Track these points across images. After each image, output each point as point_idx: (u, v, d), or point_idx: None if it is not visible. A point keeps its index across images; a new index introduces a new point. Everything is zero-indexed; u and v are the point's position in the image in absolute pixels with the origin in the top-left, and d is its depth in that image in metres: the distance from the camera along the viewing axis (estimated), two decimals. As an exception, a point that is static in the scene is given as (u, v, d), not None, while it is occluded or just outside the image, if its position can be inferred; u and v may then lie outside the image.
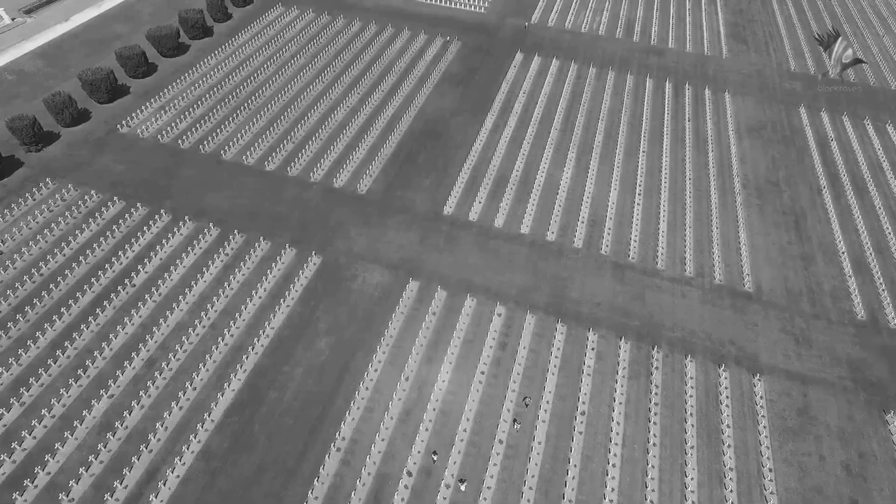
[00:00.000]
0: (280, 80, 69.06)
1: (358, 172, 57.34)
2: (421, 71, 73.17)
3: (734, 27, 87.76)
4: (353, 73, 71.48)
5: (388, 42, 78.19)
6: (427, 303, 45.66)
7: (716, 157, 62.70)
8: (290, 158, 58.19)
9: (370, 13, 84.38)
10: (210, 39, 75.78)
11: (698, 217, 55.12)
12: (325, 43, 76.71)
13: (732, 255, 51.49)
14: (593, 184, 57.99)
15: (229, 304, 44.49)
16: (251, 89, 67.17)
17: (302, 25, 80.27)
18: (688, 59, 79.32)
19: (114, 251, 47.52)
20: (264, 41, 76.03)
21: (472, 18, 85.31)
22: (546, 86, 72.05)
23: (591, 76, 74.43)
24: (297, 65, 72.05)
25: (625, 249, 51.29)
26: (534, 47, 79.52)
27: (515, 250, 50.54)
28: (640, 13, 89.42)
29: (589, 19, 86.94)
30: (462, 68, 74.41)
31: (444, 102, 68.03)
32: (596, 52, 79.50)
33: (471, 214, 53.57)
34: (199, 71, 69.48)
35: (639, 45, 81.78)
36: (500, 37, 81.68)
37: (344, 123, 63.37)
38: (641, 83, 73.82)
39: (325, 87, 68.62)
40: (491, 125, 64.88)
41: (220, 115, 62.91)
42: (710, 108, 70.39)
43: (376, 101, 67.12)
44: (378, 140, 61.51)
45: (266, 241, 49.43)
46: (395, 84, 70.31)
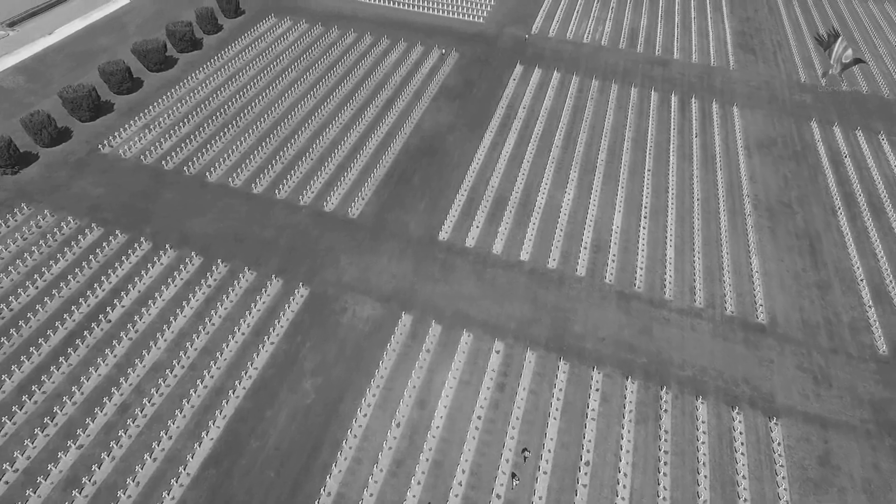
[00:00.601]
0: (270, 96, 66.48)
1: (350, 194, 54.68)
2: (417, 84, 70.54)
3: (741, 36, 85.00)
4: (347, 88, 68.88)
5: (384, 54, 75.58)
6: (420, 339, 42.94)
7: (724, 176, 59.90)
8: (278, 180, 55.55)
9: (365, 23, 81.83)
10: (199, 52, 73.26)
11: (707, 241, 52.32)
12: (318, 56, 74.13)
13: (744, 284, 48.69)
14: (596, 205, 55.24)
15: (210, 341, 41.79)
16: (240, 106, 64.59)
17: (294, 37, 77.73)
18: (693, 71, 76.58)
19: (89, 283, 44.88)
20: (255, 54, 73.49)
21: (470, 28, 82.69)
22: (547, 100, 69.35)
23: (594, 89, 71.73)
24: (288, 79, 69.48)
25: (630, 277, 48.53)
26: (534, 58, 76.86)
27: (514, 279, 47.81)
28: (644, 22, 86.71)
29: (591, 29, 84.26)
30: (460, 81, 71.77)
31: (440, 117, 65.37)
32: (599, 63, 76.81)
33: (468, 240, 50.85)
34: (187, 86, 66.93)
35: (643, 55, 79.07)
36: (499, 47, 79.04)
37: (336, 142, 60.74)
38: (646, 96, 71.10)
39: (318, 103, 66.02)
40: (489, 142, 62.19)
41: (206, 133, 60.31)
42: (718, 122, 67.63)
43: (370, 117, 64.49)
44: (371, 159, 58.85)
45: (251, 271, 46.76)
46: (389, 98, 67.68)
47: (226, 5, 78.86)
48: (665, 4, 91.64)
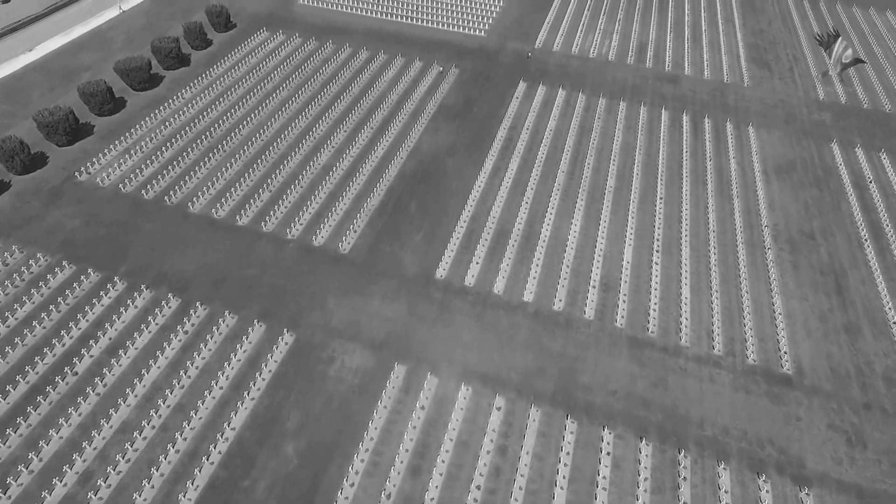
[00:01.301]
0: (260, 117, 63.01)
1: (341, 226, 51.13)
2: (415, 103, 66.99)
3: (755, 50, 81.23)
4: (341, 107, 65.38)
5: (380, 70, 72.08)
6: (414, 393, 39.30)
7: (741, 203, 56.15)
8: (265, 211, 52.04)
9: (361, 37, 78.37)
10: (186, 69, 69.89)
11: (725, 279, 48.58)
12: (311, 73, 70.66)
13: (766, 327, 44.93)
14: (605, 238, 51.56)
15: (185, 396, 38.25)
16: (227, 128, 61.14)
17: (287, 53, 74.29)
18: (706, 88, 72.84)
19: (56, 330, 41.41)
20: (245, 71, 70.06)
21: (470, 42, 79.14)
22: (551, 120, 65.72)
23: (601, 108, 68.07)
24: (279, 98, 66.01)
25: (643, 321, 44.82)
26: (538, 75, 73.27)
27: (517, 323, 44.15)
28: (653, 35, 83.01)
29: (597, 42, 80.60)
30: (459, 99, 68.20)
31: (439, 139, 61.81)
32: (606, 79, 73.16)
33: (467, 278, 47.23)
34: (172, 106, 63.52)
35: (652, 71, 75.38)
36: (501, 63, 75.45)
37: (328, 167, 57.22)
38: (656, 116, 67.40)
39: (309, 124, 62.52)
40: (491, 167, 58.59)
41: (190, 158, 56.87)
42: (733, 144, 63.88)
43: (364, 140, 60.96)
44: (365, 186, 55.30)
45: (232, 315, 43.22)
46: (386, 119, 64.15)
47: (215, 19, 75.53)
48: (674, 16, 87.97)
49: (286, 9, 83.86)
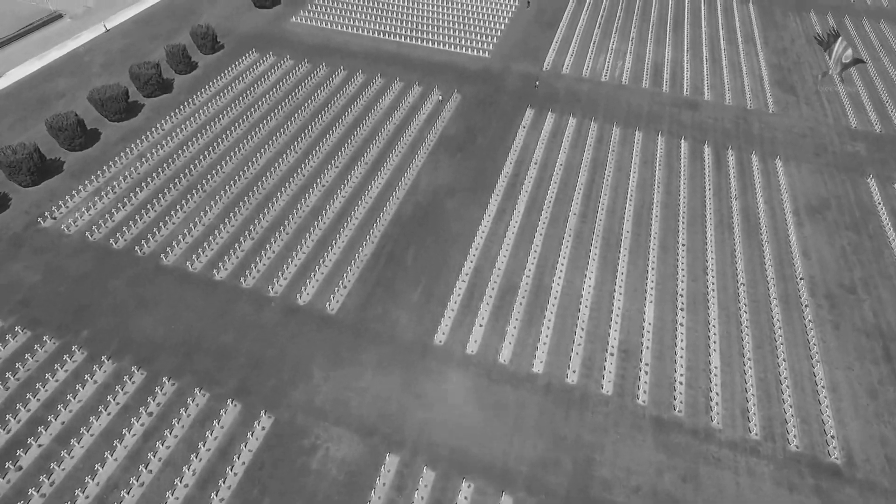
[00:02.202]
0: (244, 151, 58.01)
1: (330, 281, 46.06)
2: (413, 133, 61.90)
3: (778, 71, 75.86)
4: (333, 140, 60.35)
5: (376, 97, 67.02)
6: (409, 492, 34.16)
7: (773, 251, 50.84)
8: (246, 263, 47.02)
9: (357, 59, 73.35)
10: (168, 96, 64.99)
11: (759, 343, 43.30)
12: (302, 100, 65.65)
13: (808, 404, 39.63)
14: (623, 293, 46.35)
15: (143, 498, 33.18)
16: (209, 164, 56.17)
17: (277, 77, 69.31)
18: (728, 114, 67.54)
19: (1, 414, 36.40)
20: (230, 98, 65.10)
21: (473, 64, 74.02)
22: (561, 153, 60.52)
23: (615, 138, 62.85)
24: (266, 129, 61.00)
25: (667, 396, 39.58)
26: (546, 101, 68.12)
27: (526, 400, 38.96)
28: (669, 55, 77.73)
29: (610, 64, 75.35)
30: (462, 129, 63.09)
31: (439, 176, 56.70)
32: (619, 106, 67.94)
33: (469, 344, 42.09)
34: (150, 139, 58.60)
35: (669, 96, 70.12)
36: (506, 87, 70.31)
37: (317, 210, 52.18)
38: (675, 147, 62.15)
39: (297, 160, 57.50)
40: (495, 209, 53.44)
41: (167, 200, 51.93)
42: (760, 179, 58.57)
43: (358, 178, 55.89)
44: (357, 233, 50.22)
45: (203, 393, 38.16)
46: (381, 152, 59.07)
47: (201, 41, 70.60)
48: (691, 35, 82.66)
49: (278, 27, 78.95)
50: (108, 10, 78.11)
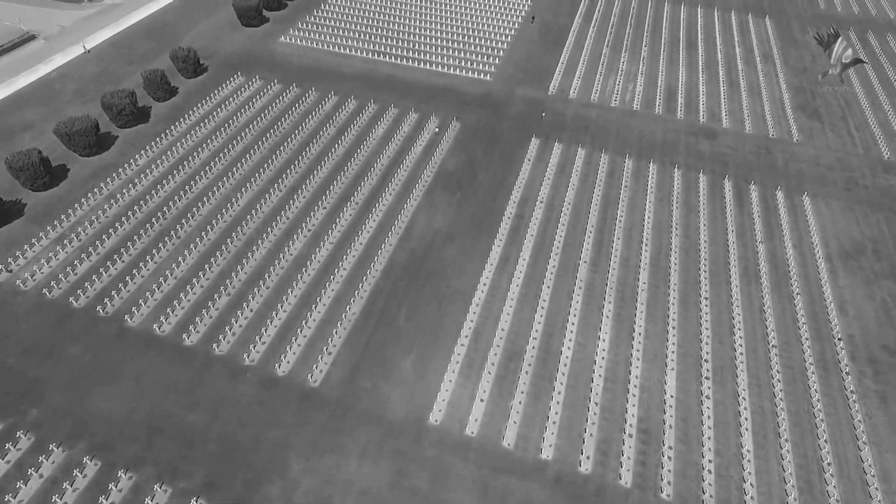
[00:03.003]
0: (224, 190, 53.22)
1: (312, 346, 41.20)
2: (409, 168, 57.05)
3: (800, 94, 70.89)
4: (321, 176, 55.53)
5: (369, 126, 62.16)
6: None
7: (806, 305, 45.91)
8: (220, 323, 42.20)
9: (349, 83, 68.51)
10: (144, 126, 60.23)
11: (797, 420, 38.35)
12: (289, 130, 60.84)
13: (857, 497, 34.64)
14: (641, 359, 41.42)
15: None
16: (184, 205, 51.38)
17: (263, 103, 64.50)
18: (748, 144, 62.58)
19: (-71, 519, 31.65)
20: (212, 128, 60.30)
21: (474, 88, 69.15)
22: (570, 190, 55.62)
23: (627, 172, 57.93)
24: (248, 165, 56.20)
25: (695, 489, 34.65)
26: (553, 129, 63.25)
27: (534, 496, 34.02)
28: (683, 77, 72.76)
29: (620, 87, 70.41)
30: (461, 162, 58.23)
31: (436, 219, 51.83)
32: (632, 134, 63.02)
33: (469, 424, 37.21)
34: (122, 177, 53.87)
35: (684, 123, 65.18)
36: (509, 114, 65.44)
37: (301, 259, 47.34)
38: (693, 182, 57.22)
39: (281, 201, 52.70)
40: (498, 257, 48.56)
41: (136, 249, 47.15)
42: (787, 220, 53.62)
43: (347, 221, 51.05)
44: (345, 287, 45.38)
45: (165, 489, 33.29)
46: (373, 191, 54.22)
47: (181, 65, 65.83)
48: (705, 54, 77.76)
49: (266, 48, 74.18)
50: (85, 31, 73.40)
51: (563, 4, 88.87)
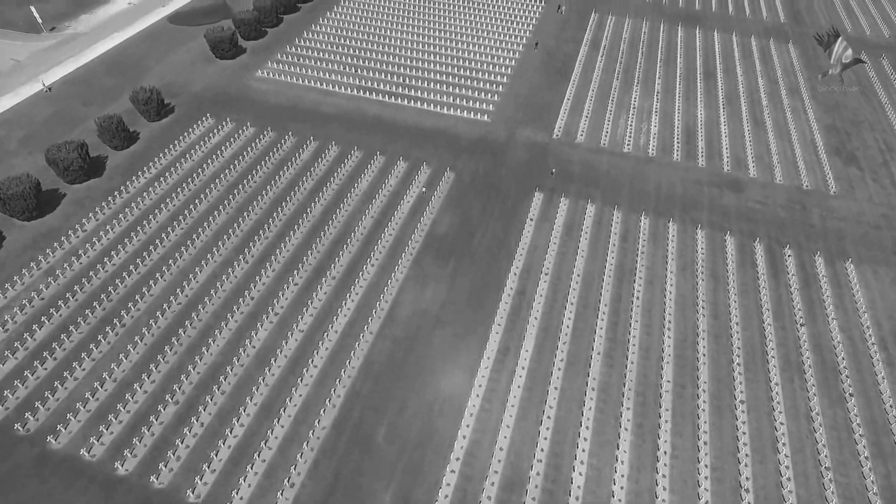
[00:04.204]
0: (181, 264, 46.23)
1: (272, 477, 34.17)
2: (395, 232, 50.03)
3: (834, 134, 63.73)
4: (295, 243, 48.57)
5: (351, 179, 55.18)
6: None
7: (861, 409, 38.83)
8: (163, 443, 35.22)
9: (331, 125, 61.53)
10: (98, 181, 53.32)
11: (863, 578, 31.20)
12: (261, 185, 53.88)
13: None
14: (668, 488, 34.32)
15: None
16: (134, 283, 44.40)
17: (234, 151, 57.53)
18: (779, 197, 55.45)
19: None
20: (173, 184, 53.31)
21: (471, 131, 62.09)
22: (579, 257, 48.54)
23: (644, 233, 50.87)
24: (211, 231, 49.23)
25: None
26: (559, 180, 56.14)
27: None
28: (702, 114, 65.64)
29: (632, 128, 63.29)
30: (455, 223, 51.20)
31: (425, 296, 44.81)
32: (647, 186, 55.93)
33: (459, 589, 30.11)
34: (65, 246, 46.96)
35: (706, 171, 58.04)
36: (510, 161, 58.40)
37: (265, 355, 40.34)
38: (719, 245, 50.12)
39: (247, 276, 45.66)
40: (496, 348, 41.54)
41: (71, 343, 40.21)
42: (830, 293, 46.49)
43: (321, 303, 44.04)
44: (314, 392, 38.36)
45: None
46: (353, 263, 47.21)
47: (143, 107, 58.93)
48: (725, 86, 70.66)
49: (240, 84, 67.21)
50: (41, 65, 66.57)
51: (567, 29, 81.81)
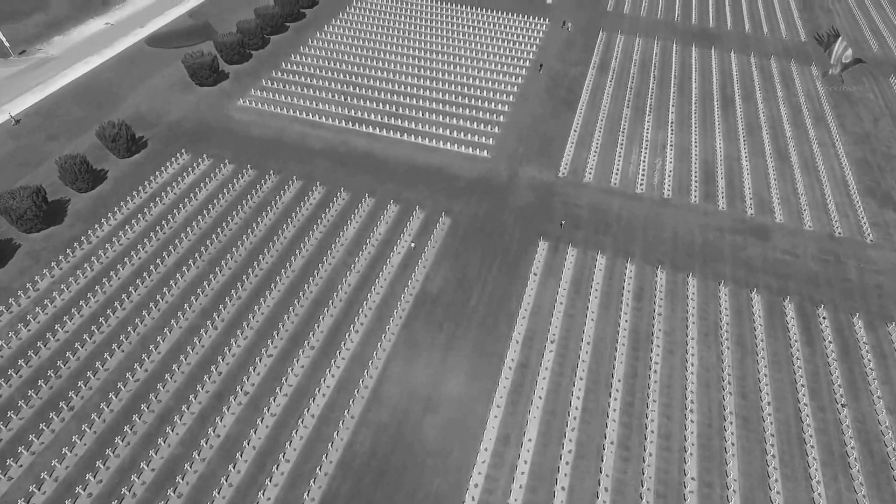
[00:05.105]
0: (141, 333, 41.17)
1: None
2: (382, 291, 44.91)
3: (866, 170, 58.44)
4: (271, 305, 43.50)
5: (337, 226, 50.08)
6: None
7: (916, 514, 33.51)
8: (104, 568, 30.13)
9: (317, 162, 56.49)
10: (56, 230, 48.37)
11: None
12: (237, 234, 48.82)
13: None
14: None
15: None
16: (86, 357, 39.35)
17: (209, 194, 52.48)
18: (810, 246, 50.20)
19: None
20: (140, 232, 48.28)
21: (469, 170, 56.94)
22: (588, 319, 43.37)
23: (661, 290, 45.69)
24: (179, 290, 44.15)
25: None
26: (566, 226, 50.95)
27: None
28: (721, 149, 60.38)
29: (645, 164, 58.07)
30: (450, 279, 46.07)
31: (415, 371, 39.68)
32: (663, 233, 50.72)
33: None
34: (12, 310, 41.94)
35: (728, 216, 52.82)
36: (511, 204, 53.27)
37: (229, 449, 35.20)
38: (745, 304, 44.92)
39: (214, 347, 40.58)
40: (496, 434, 36.33)
41: (10, 431, 35.12)
42: (874, 364, 41.23)
43: (296, 381, 38.92)
44: (282, 498, 33.16)
45: None
46: (334, 330, 42.09)
47: (111, 144, 53.97)
48: (745, 115, 65.42)
49: (219, 114, 62.16)
50: (6, 94, 61.70)
51: (573, 50, 76.62)
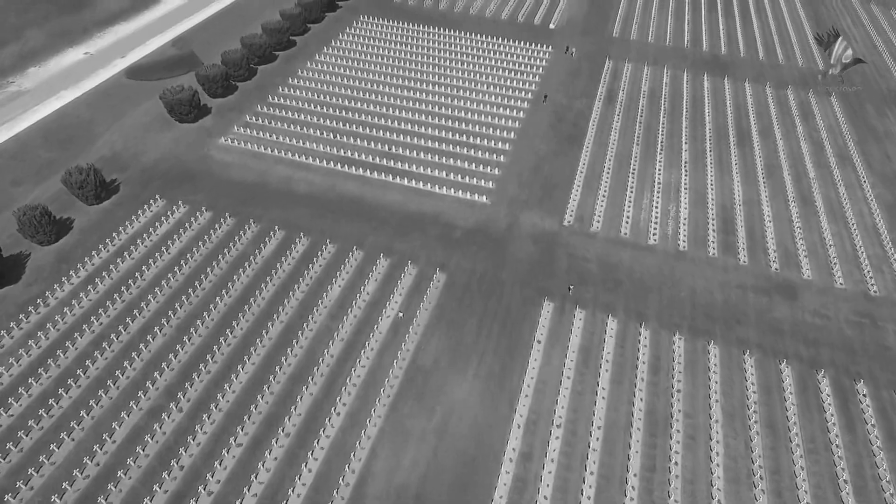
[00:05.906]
0: (97, 416, 36.64)
1: None
2: (368, 364, 40.31)
3: (897, 216, 53.96)
4: (244, 382, 38.92)
5: (321, 286, 45.61)
6: None
7: None
8: None
9: (302, 210, 52.17)
10: (12, 290, 44.00)
11: None
12: (211, 294, 44.38)
13: None
14: None
15: None
16: (40, 438, 34.75)
17: (182, 246, 48.10)
18: (842, 307, 45.58)
19: None
20: (104, 292, 43.82)
21: (467, 216, 52.54)
22: (599, 397, 38.68)
23: (679, 360, 41.07)
24: (143, 363, 39.62)
25: None
26: (572, 284, 46.43)
27: None
28: (740, 191, 55.90)
29: (658, 211, 53.59)
30: (443, 350, 41.51)
31: (402, 465, 35.03)
32: (679, 292, 46.11)
33: None
34: (-46, 390, 37.49)
35: (750, 271, 48.26)
36: (512, 257, 48.81)
37: (188, 562, 30.53)
38: (774, 379, 40.29)
39: (177, 434, 35.96)
40: (494, 549, 31.62)
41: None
42: (921, 454, 36.39)
43: (269, 474, 34.27)
44: None
45: None
46: (314, 411, 37.50)
47: (78, 190, 49.79)
48: (763, 153, 61.06)
49: (199, 154, 57.93)
50: (-30, 134, 57.65)
51: (579, 82, 72.41)
